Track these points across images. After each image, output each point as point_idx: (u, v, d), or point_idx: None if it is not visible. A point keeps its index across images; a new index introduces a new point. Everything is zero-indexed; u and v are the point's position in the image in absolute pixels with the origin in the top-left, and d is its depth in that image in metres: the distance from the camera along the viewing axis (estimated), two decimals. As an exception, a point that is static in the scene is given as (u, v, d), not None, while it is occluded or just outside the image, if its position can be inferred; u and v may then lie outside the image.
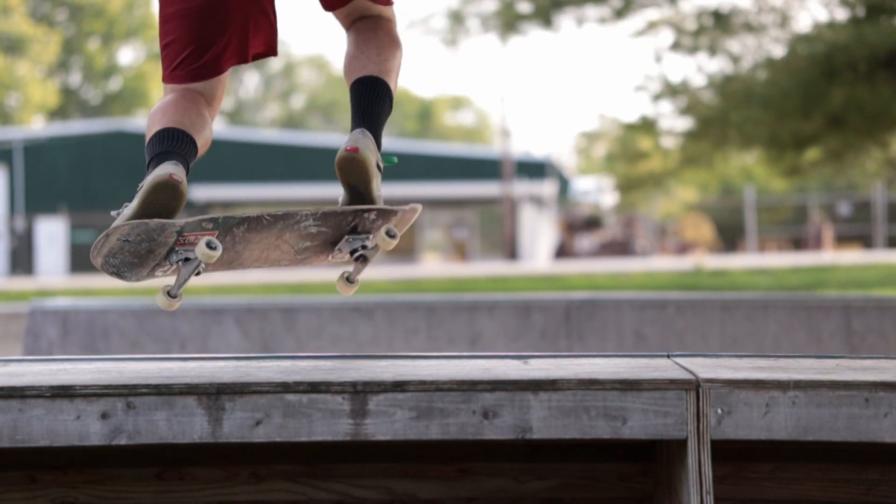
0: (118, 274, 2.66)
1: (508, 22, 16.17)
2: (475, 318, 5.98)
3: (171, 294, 2.62)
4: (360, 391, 2.34)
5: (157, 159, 2.70)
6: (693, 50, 16.12)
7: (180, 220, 2.61)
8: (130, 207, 2.63)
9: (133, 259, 2.61)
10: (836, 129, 15.33)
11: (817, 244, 32.98)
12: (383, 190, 3.11)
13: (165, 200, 2.61)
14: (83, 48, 49.68)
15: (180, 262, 2.63)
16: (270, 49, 3.03)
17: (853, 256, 26.51)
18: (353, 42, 3.05)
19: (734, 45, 16.01)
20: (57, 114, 49.08)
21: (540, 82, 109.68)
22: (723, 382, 2.38)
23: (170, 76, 2.94)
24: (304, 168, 36.25)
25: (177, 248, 2.62)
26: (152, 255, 2.63)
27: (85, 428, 2.31)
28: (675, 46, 16.17)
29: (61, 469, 2.68)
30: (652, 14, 16.07)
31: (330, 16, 3.13)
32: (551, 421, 2.37)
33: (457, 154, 40.17)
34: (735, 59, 16.16)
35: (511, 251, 34.80)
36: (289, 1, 3.18)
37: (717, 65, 16.60)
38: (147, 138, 2.81)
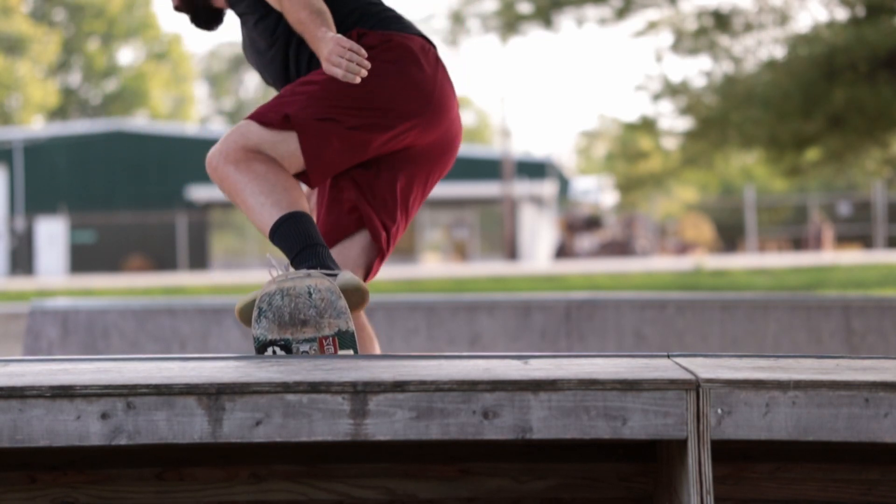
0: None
1: (509, 22, 16.18)
2: (475, 318, 5.97)
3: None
4: (360, 391, 2.34)
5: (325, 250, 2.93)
6: (693, 50, 16.12)
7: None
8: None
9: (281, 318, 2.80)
10: (837, 130, 15.33)
11: (817, 244, 32.98)
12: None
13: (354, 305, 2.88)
14: (83, 48, 49.68)
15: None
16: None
17: (853, 256, 26.50)
18: None
19: (735, 45, 16.01)
20: (57, 114, 49.09)
21: (540, 82, 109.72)
22: (723, 382, 2.38)
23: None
24: (304, 168, 36.16)
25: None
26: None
27: (85, 428, 2.30)
28: (676, 47, 16.17)
29: (61, 469, 2.68)
30: (652, 14, 16.07)
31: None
32: (551, 421, 2.37)
33: (457, 154, 40.11)
34: (735, 60, 16.16)
35: (511, 251, 34.79)
36: None
37: (717, 65, 16.61)
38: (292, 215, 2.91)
